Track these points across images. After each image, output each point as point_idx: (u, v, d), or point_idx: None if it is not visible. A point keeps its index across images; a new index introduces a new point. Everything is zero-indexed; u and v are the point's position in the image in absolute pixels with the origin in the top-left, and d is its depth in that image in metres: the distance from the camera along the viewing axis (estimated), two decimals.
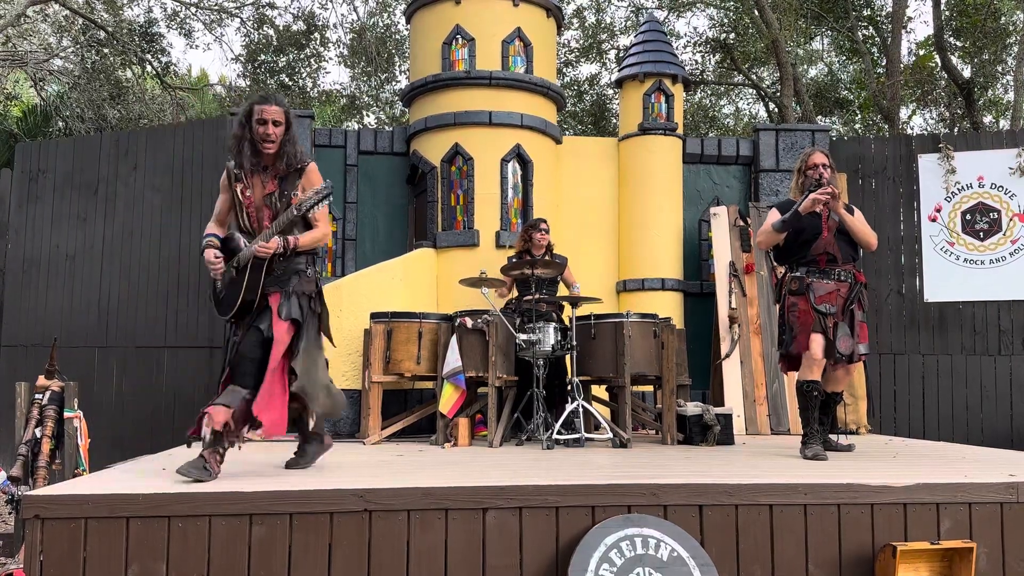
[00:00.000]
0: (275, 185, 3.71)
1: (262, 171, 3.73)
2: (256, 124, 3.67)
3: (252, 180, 3.72)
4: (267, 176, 3.72)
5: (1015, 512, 3.22)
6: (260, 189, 3.71)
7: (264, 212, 3.70)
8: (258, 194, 3.71)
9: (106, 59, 14.15)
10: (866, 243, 4.86)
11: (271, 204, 3.70)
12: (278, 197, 3.70)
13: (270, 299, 3.67)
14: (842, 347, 4.65)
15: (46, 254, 8.04)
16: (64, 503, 2.83)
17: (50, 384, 4.89)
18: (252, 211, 3.72)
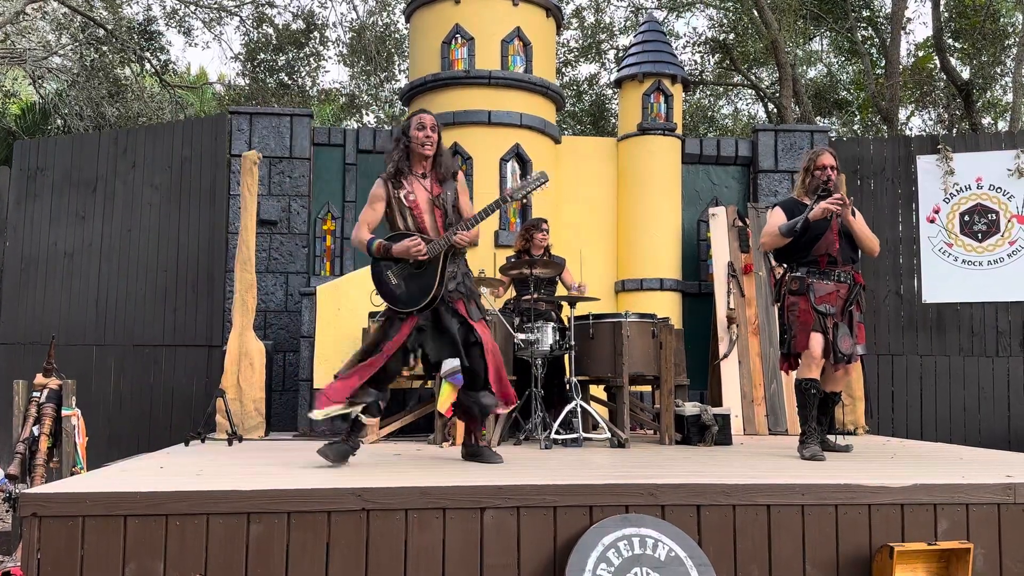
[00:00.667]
0: (440, 188, 4.12)
1: (420, 178, 4.13)
2: (416, 130, 4.10)
3: (412, 186, 4.10)
4: (427, 182, 4.13)
5: (1012, 513, 3.22)
6: (424, 193, 4.10)
7: (434, 213, 4.08)
8: (422, 197, 4.09)
9: (105, 57, 14.14)
10: (869, 249, 4.88)
11: (440, 205, 4.09)
12: (445, 199, 4.09)
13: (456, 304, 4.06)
14: (843, 347, 4.66)
15: (44, 252, 8.03)
16: (62, 501, 2.83)
17: (48, 382, 4.88)
18: (419, 213, 4.07)
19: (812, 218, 4.67)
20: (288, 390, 7.36)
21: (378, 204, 4.11)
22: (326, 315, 6.51)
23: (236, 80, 16.71)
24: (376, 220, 4.13)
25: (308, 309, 6.57)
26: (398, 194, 4.06)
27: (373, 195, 4.12)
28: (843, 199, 4.69)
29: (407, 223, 4.06)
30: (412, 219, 4.06)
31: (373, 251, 4.04)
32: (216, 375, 6.83)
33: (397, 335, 3.98)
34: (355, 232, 4.16)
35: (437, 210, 4.07)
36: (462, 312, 4.05)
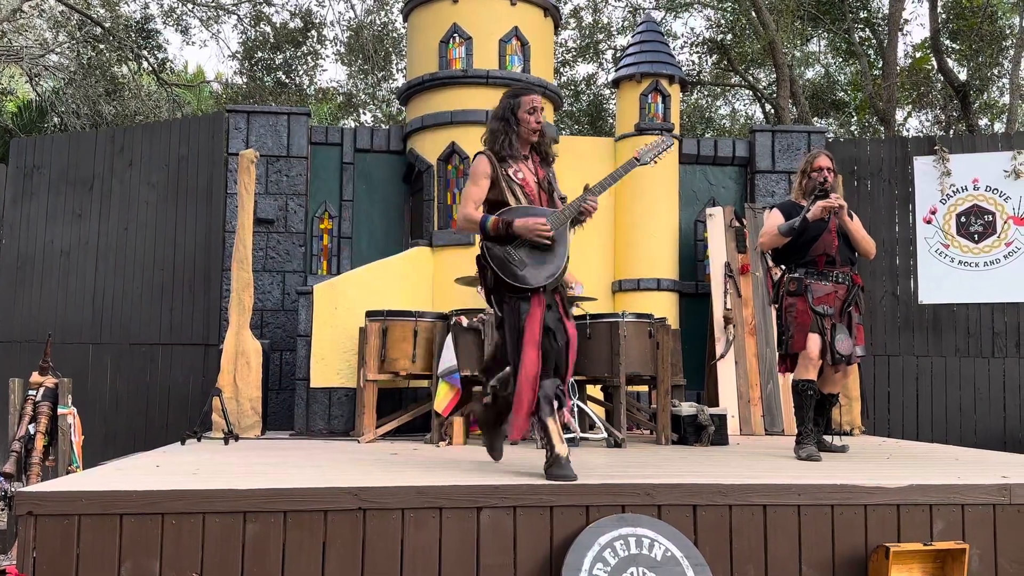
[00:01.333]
0: (543, 171, 3.89)
1: (524, 160, 3.85)
2: (527, 113, 3.77)
3: (519, 166, 3.82)
4: (531, 163, 3.87)
5: (1007, 514, 3.23)
6: (531, 174, 3.84)
7: (541, 196, 3.82)
8: (529, 178, 3.82)
9: (102, 55, 14.11)
10: (866, 251, 4.90)
11: (545, 188, 3.84)
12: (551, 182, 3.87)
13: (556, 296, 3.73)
14: (841, 348, 4.67)
15: (40, 250, 8.02)
16: (57, 500, 2.83)
17: (44, 380, 4.87)
18: (530, 192, 3.78)
19: (811, 217, 4.69)
20: (285, 389, 7.36)
21: (483, 181, 3.77)
22: (323, 314, 6.50)
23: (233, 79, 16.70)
24: (482, 196, 3.76)
25: (305, 308, 6.57)
26: (506, 171, 3.76)
27: (477, 171, 3.78)
28: (841, 199, 4.71)
29: (520, 201, 3.74)
30: (525, 197, 3.76)
31: (488, 228, 3.64)
32: (212, 374, 6.82)
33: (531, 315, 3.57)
34: (462, 211, 3.77)
35: (543, 192, 3.83)
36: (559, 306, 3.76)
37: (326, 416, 6.46)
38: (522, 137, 3.81)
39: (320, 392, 6.48)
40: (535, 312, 3.58)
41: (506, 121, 3.79)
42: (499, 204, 3.74)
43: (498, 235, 3.64)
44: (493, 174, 3.75)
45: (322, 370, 6.47)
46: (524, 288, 3.59)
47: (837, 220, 4.79)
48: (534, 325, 3.57)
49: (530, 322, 3.57)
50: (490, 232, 3.65)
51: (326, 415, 6.46)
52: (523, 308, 3.60)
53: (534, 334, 3.56)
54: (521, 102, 3.77)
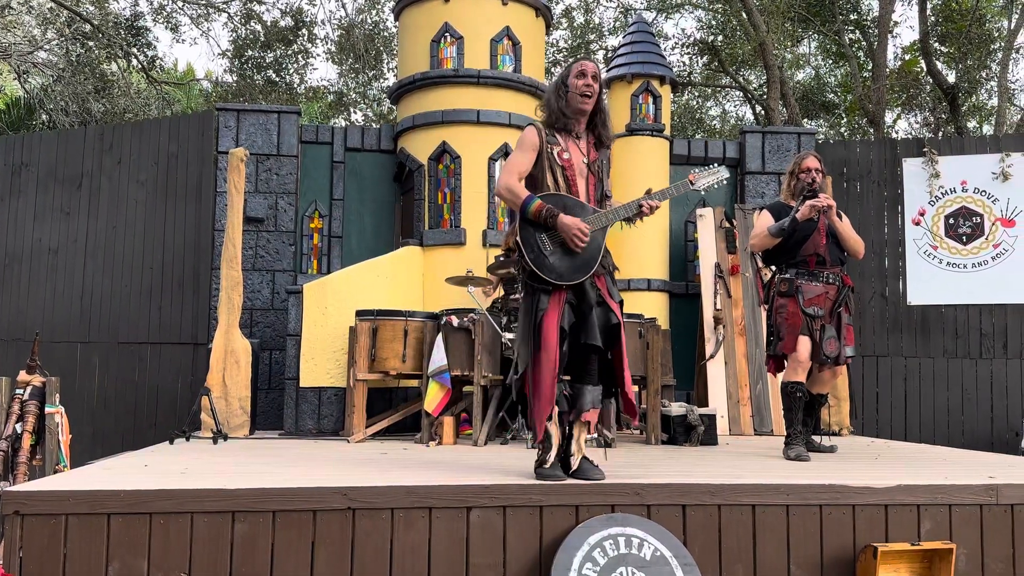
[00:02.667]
0: (596, 154, 3.64)
1: (576, 139, 3.62)
2: (576, 78, 3.55)
3: (567, 143, 3.60)
4: (583, 143, 3.63)
5: (994, 514, 3.25)
6: (579, 155, 3.60)
7: (588, 179, 3.59)
8: (576, 158, 3.58)
9: (91, 52, 14.04)
10: (854, 251, 4.92)
11: (595, 171, 3.61)
12: (601, 167, 3.63)
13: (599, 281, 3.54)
14: (828, 349, 4.69)
15: (28, 248, 7.97)
16: (44, 499, 2.81)
17: (31, 379, 4.84)
18: (572, 175, 3.56)
19: (799, 218, 4.72)
20: (274, 388, 7.33)
21: (531, 153, 3.55)
22: (313, 313, 6.49)
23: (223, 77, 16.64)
24: (528, 168, 3.55)
25: (294, 307, 6.55)
26: (552, 149, 3.54)
27: (525, 141, 3.57)
28: (831, 202, 4.74)
29: (558, 183, 3.53)
30: (564, 180, 3.54)
31: (531, 212, 3.43)
32: (201, 373, 6.79)
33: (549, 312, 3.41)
34: (503, 179, 3.55)
35: (591, 176, 3.59)
36: (602, 289, 3.53)
37: (316, 416, 6.44)
38: (572, 106, 3.56)
39: (310, 391, 6.46)
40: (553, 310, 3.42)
41: (558, 88, 3.60)
42: (537, 180, 3.56)
43: (538, 221, 3.44)
44: (539, 147, 3.56)
45: (312, 369, 6.45)
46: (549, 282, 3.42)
47: (826, 220, 4.81)
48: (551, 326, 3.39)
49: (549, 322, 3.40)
50: (531, 215, 3.44)
51: (315, 415, 6.44)
52: (542, 302, 3.43)
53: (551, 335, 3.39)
54: (571, 68, 3.59)
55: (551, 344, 3.37)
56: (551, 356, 3.36)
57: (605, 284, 3.55)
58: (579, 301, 3.48)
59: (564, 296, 3.44)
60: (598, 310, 3.49)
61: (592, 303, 3.47)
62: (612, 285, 3.59)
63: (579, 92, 3.53)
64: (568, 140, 3.59)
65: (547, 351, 3.37)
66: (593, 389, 3.49)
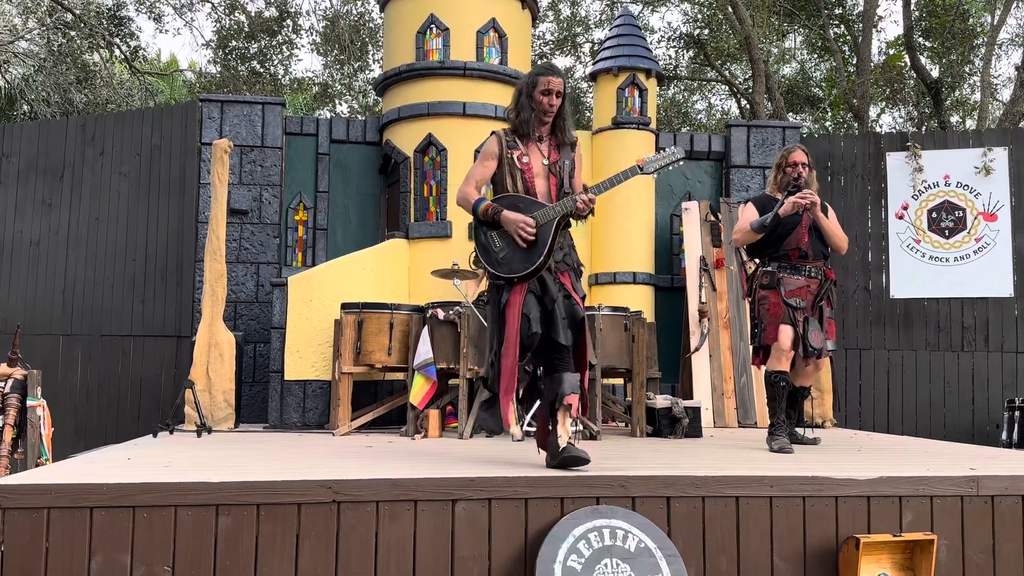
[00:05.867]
0: (557, 155, 3.82)
1: (538, 141, 3.81)
2: (541, 95, 3.73)
3: (529, 149, 3.79)
4: (544, 145, 3.82)
5: (975, 505, 3.28)
6: (539, 157, 3.79)
7: (548, 179, 3.77)
8: (537, 161, 3.78)
9: (73, 42, 13.89)
10: (837, 246, 4.93)
11: (556, 172, 3.78)
12: (562, 167, 3.79)
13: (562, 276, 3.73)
14: (813, 341, 4.72)
15: (9, 240, 7.89)
16: (26, 492, 2.79)
17: (13, 372, 4.81)
18: (531, 177, 3.76)
19: (782, 213, 4.73)
20: (258, 382, 7.30)
21: (490, 162, 3.78)
22: (298, 306, 6.46)
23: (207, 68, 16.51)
24: (486, 178, 3.80)
25: (279, 300, 6.52)
26: (511, 154, 3.76)
27: (486, 151, 3.79)
28: (814, 197, 4.74)
29: (517, 186, 3.74)
30: (523, 182, 3.74)
31: (479, 213, 3.70)
32: (185, 366, 6.76)
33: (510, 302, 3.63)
34: (461, 188, 3.80)
35: (552, 177, 3.78)
36: (567, 285, 3.73)
37: (300, 409, 6.42)
38: (536, 117, 3.76)
39: (294, 384, 6.44)
40: (514, 300, 3.63)
41: (524, 99, 3.78)
42: (499, 183, 3.78)
43: (487, 220, 3.69)
44: (500, 155, 3.77)
45: (296, 362, 6.43)
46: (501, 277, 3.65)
47: (810, 216, 4.83)
48: (514, 315, 3.60)
49: (510, 312, 3.62)
50: (480, 215, 3.70)
51: (300, 408, 6.42)
52: (503, 296, 3.66)
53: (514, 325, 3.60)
54: (537, 81, 3.74)
55: (512, 332, 3.60)
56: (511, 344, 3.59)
57: (569, 279, 3.74)
58: (542, 293, 3.66)
59: (525, 287, 3.64)
60: (565, 303, 3.68)
61: (555, 296, 3.65)
62: (576, 281, 3.78)
63: (542, 109, 3.74)
64: (530, 144, 3.79)
65: (509, 339, 3.60)
66: (570, 375, 3.64)
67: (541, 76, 3.75)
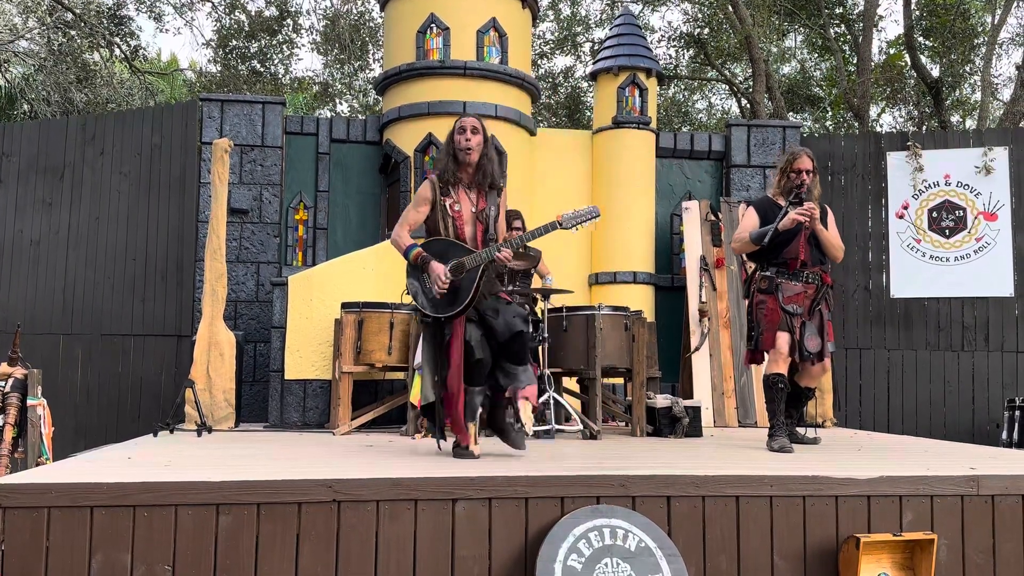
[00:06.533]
0: (484, 202, 4.07)
1: (467, 188, 4.06)
2: (457, 134, 4.00)
3: (458, 195, 4.04)
4: (474, 193, 4.07)
5: (975, 504, 3.28)
6: (468, 204, 4.04)
7: (476, 225, 4.04)
8: (466, 208, 4.03)
9: (73, 41, 13.89)
10: (834, 256, 4.91)
11: (483, 219, 4.04)
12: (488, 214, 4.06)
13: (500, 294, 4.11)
14: (810, 346, 4.72)
15: (10, 240, 7.89)
16: (27, 492, 2.79)
17: (13, 371, 4.81)
18: (461, 224, 4.02)
19: (782, 228, 4.70)
20: (259, 381, 7.30)
21: (423, 207, 4.06)
22: (298, 306, 6.46)
23: (207, 67, 16.51)
24: (419, 222, 4.08)
25: (279, 299, 6.52)
26: (444, 201, 4.02)
27: (421, 197, 4.06)
28: (812, 210, 4.69)
29: (448, 231, 4.01)
30: (453, 228, 4.01)
31: (410, 259, 4.03)
32: (185, 365, 6.76)
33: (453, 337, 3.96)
34: (396, 231, 4.11)
35: (479, 224, 4.04)
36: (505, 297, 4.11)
37: (301, 408, 6.42)
38: (458, 160, 4.00)
39: (295, 384, 6.44)
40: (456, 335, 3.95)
41: (447, 146, 4.06)
42: (433, 227, 4.07)
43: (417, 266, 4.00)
44: (432, 200, 4.03)
45: (297, 362, 6.43)
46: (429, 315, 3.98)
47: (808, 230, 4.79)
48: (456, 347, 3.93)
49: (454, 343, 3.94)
50: (411, 262, 4.03)
51: (301, 407, 6.42)
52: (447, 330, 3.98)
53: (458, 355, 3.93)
54: (455, 126, 4.03)
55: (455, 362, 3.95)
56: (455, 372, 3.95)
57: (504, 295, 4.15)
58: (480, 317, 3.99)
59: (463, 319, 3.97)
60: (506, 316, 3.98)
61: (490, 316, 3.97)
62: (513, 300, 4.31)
63: (460, 147, 3.98)
64: (460, 191, 4.05)
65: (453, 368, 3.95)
66: (524, 369, 4.01)
67: (457, 120, 4.07)
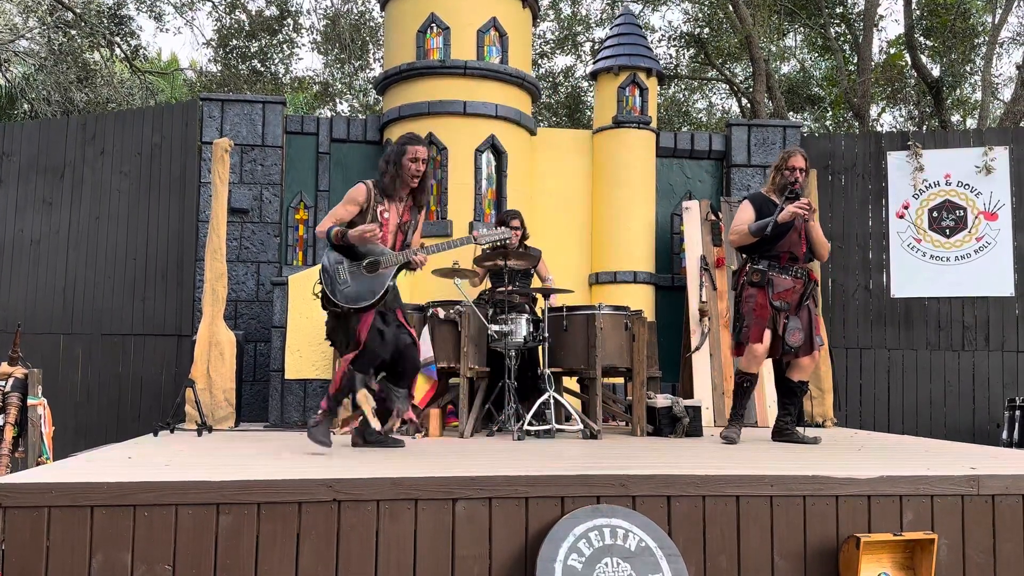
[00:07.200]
0: (409, 216, 4.41)
1: (398, 202, 4.38)
2: (409, 162, 4.28)
3: (390, 207, 4.34)
4: (402, 205, 4.39)
5: (976, 504, 3.28)
6: (396, 215, 4.36)
7: (397, 236, 4.36)
8: (393, 219, 4.34)
9: (73, 41, 13.89)
10: (821, 254, 5.13)
11: (404, 230, 4.38)
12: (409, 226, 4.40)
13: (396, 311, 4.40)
14: (791, 340, 4.89)
15: (10, 239, 7.89)
16: (27, 491, 2.79)
17: (13, 371, 4.80)
18: (385, 231, 4.31)
19: (781, 220, 4.88)
20: (259, 380, 7.31)
21: (352, 207, 4.30)
22: (298, 305, 6.46)
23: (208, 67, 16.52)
24: (345, 219, 4.30)
25: (280, 299, 6.52)
26: (377, 208, 4.29)
27: (353, 198, 4.29)
28: (810, 204, 4.91)
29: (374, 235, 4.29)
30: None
31: (331, 236, 4.24)
32: (186, 365, 6.76)
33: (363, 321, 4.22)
34: (323, 223, 4.35)
35: (400, 234, 4.37)
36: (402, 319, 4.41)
37: (301, 408, 6.42)
38: (402, 181, 4.31)
39: (295, 383, 6.44)
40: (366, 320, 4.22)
41: (392, 164, 4.31)
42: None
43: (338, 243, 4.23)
44: (365, 205, 4.31)
45: (297, 361, 6.43)
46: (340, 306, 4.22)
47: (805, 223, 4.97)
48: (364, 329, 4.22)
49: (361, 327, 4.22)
50: (332, 239, 4.25)
51: (301, 407, 6.42)
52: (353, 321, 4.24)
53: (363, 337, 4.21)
54: (406, 150, 4.29)
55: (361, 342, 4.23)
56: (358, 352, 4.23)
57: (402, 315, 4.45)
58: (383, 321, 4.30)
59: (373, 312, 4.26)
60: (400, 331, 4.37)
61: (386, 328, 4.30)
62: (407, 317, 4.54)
63: (411, 174, 4.30)
64: (392, 203, 4.36)
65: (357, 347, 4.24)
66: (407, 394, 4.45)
67: (409, 145, 4.31)
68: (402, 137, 4.43)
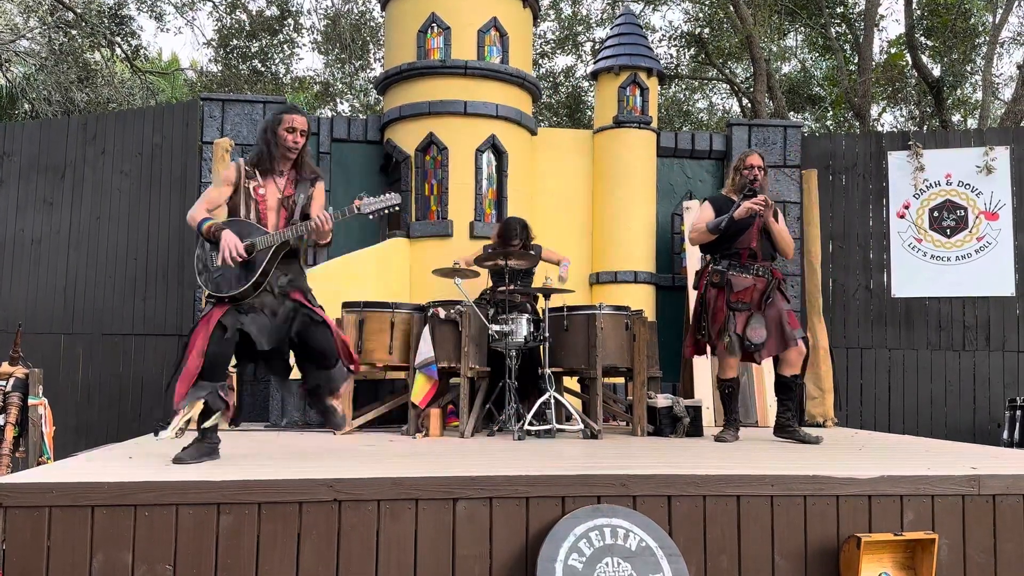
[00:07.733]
0: (292, 189, 4.01)
1: (278, 175, 3.99)
2: (285, 132, 3.92)
3: (266, 181, 3.97)
4: (283, 180, 4.00)
5: (976, 504, 3.28)
6: (275, 190, 3.98)
7: (280, 213, 3.97)
8: (272, 194, 3.97)
9: (74, 41, 13.89)
10: (784, 251, 5.22)
11: (288, 206, 3.98)
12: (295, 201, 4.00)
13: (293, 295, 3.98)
14: (752, 337, 4.95)
15: (11, 239, 7.90)
16: (28, 491, 2.79)
17: (14, 371, 4.81)
18: (263, 208, 3.95)
19: (736, 217, 4.97)
20: (259, 380, 7.29)
21: (225, 187, 3.97)
22: None
23: (208, 66, 16.52)
24: (218, 202, 3.99)
25: None
26: (249, 184, 3.96)
27: (224, 178, 3.99)
28: (766, 200, 4.99)
29: (250, 215, 3.94)
30: (256, 212, 3.95)
31: (203, 231, 3.90)
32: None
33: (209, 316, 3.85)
34: (194, 208, 4.00)
35: (284, 210, 3.98)
36: (301, 300, 4.00)
37: (302, 407, 6.42)
38: (279, 153, 3.95)
39: (295, 384, 6.42)
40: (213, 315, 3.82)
41: (267, 133, 3.97)
42: (234, 209, 3.97)
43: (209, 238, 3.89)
44: (236, 183, 3.96)
45: None
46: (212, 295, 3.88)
47: (762, 219, 5.04)
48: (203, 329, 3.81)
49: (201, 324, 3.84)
50: (203, 234, 3.91)
51: (302, 407, 6.42)
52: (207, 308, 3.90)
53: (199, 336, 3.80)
54: (282, 119, 3.94)
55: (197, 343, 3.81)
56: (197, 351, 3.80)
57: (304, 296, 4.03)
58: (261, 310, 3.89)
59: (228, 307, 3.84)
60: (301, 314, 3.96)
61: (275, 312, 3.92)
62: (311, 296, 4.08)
63: (287, 145, 3.92)
64: (269, 178, 3.97)
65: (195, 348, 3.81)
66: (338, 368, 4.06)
67: (286, 114, 3.95)
68: (278, 108, 4.13)
